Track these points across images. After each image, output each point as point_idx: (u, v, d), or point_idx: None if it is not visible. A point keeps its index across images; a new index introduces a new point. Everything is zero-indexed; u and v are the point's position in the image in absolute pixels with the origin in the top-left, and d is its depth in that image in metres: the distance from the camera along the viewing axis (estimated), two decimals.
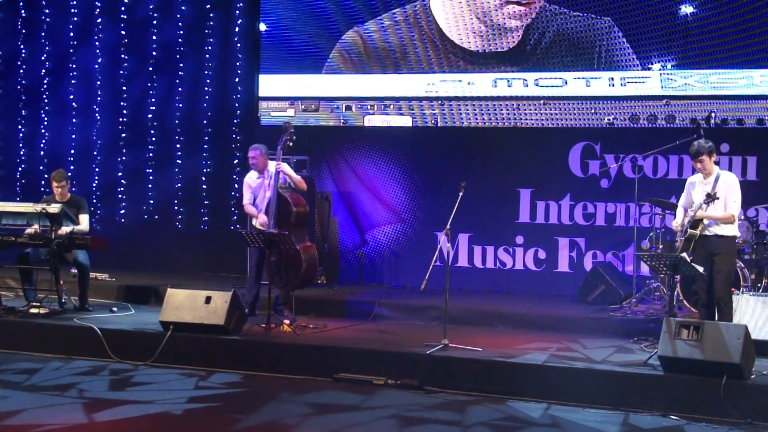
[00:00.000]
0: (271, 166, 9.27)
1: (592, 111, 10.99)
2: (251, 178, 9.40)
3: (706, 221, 7.76)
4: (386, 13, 11.73)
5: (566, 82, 11.04)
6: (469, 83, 11.43)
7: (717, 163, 10.12)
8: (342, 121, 12.02)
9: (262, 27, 12.25)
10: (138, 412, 6.68)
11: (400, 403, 7.04)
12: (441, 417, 6.73)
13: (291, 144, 9.25)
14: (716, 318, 7.71)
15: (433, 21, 11.52)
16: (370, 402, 7.10)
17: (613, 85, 10.86)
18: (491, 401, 7.18)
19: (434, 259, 8.26)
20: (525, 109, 11.24)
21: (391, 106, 11.80)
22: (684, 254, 7.80)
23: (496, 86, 11.33)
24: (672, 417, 6.74)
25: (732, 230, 7.81)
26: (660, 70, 10.64)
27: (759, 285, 9.18)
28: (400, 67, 11.72)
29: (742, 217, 9.49)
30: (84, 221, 9.67)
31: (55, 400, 6.97)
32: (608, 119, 10.91)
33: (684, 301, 9.29)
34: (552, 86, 11.09)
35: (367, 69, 11.84)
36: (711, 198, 7.62)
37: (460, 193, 8.33)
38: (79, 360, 8.39)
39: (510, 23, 11.15)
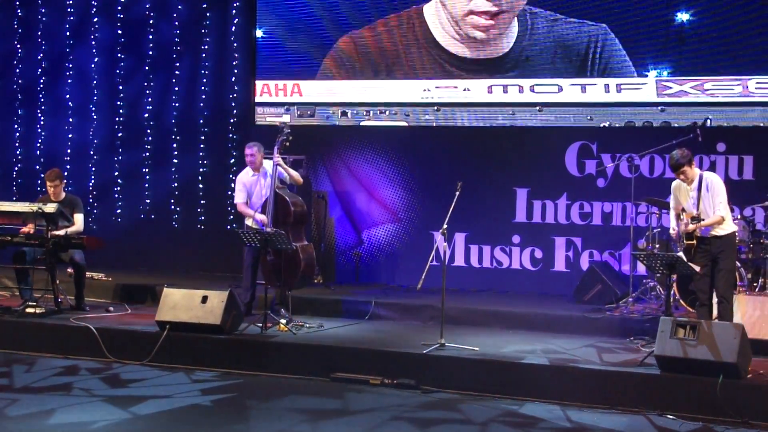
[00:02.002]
0: (267, 165, 9.27)
1: (588, 117, 10.99)
2: (246, 176, 9.40)
3: (699, 230, 7.75)
4: (380, 18, 11.71)
5: (561, 89, 11.03)
6: (465, 89, 11.42)
7: (713, 163, 10.21)
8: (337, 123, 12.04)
9: (259, 33, 12.23)
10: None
11: (399, 404, 7.04)
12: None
13: (288, 144, 9.26)
14: (717, 316, 7.71)
15: (425, 27, 11.50)
16: (369, 403, 7.09)
17: (608, 92, 10.84)
18: (489, 400, 7.19)
19: (431, 258, 8.25)
20: (521, 116, 11.23)
21: (387, 112, 11.79)
22: (680, 253, 7.81)
23: (491, 93, 11.31)
24: (668, 416, 6.75)
25: (728, 227, 7.80)
26: (655, 77, 10.64)
27: (755, 284, 9.18)
28: (395, 73, 11.69)
29: (739, 217, 9.50)
30: (78, 221, 9.66)
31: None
32: (604, 126, 10.91)
33: (680, 301, 9.29)
34: (547, 92, 11.08)
35: (359, 75, 11.81)
36: (696, 220, 7.63)
37: (457, 193, 8.34)
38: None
39: (474, 33, 11.13)
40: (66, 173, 10.84)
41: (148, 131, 12.91)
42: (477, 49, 11.27)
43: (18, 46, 13.47)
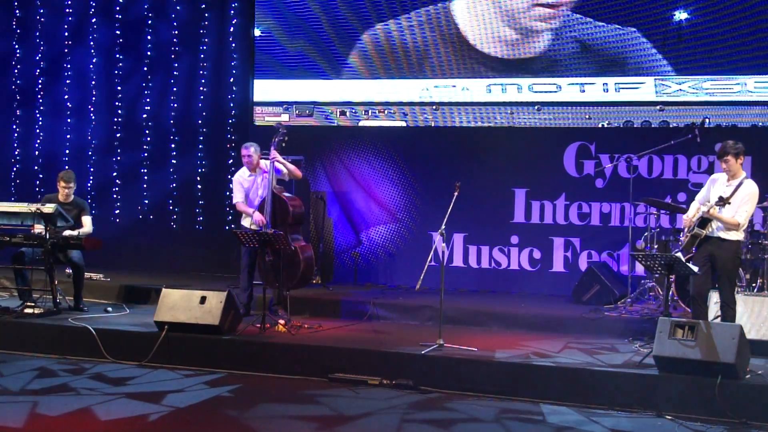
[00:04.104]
0: (263, 165, 9.28)
1: (587, 116, 11.00)
2: (243, 176, 9.39)
3: (714, 224, 7.71)
4: (403, 15, 11.64)
5: (560, 88, 11.04)
6: (463, 89, 11.42)
7: (711, 164, 10.19)
8: (336, 123, 12.05)
9: (257, 32, 12.24)
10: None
11: (398, 404, 7.03)
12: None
13: (284, 144, 9.25)
14: (721, 320, 7.71)
15: (454, 25, 11.41)
16: (370, 405, 7.06)
17: (607, 91, 10.86)
18: (487, 400, 7.19)
19: (429, 259, 8.24)
20: (519, 115, 11.24)
21: (386, 112, 11.79)
22: (679, 254, 7.80)
23: (490, 92, 11.32)
24: (667, 417, 6.75)
25: (734, 235, 7.72)
26: (654, 76, 10.65)
27: (754, 285, 9.19)
28: (426, 71, 11.58)
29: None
30: (87, 223, 9.72)
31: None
32: (602, 125, 10.93)
33: (679, 301, 9.30)
34: (546, 92, 11.09)
35: (389, 72, 11.68)
36: (723, 201, 7.56)
37: (455, 193, 8.34)
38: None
39: (538, 26, 11.07)
40: None
41: (147, 132, 12.91)
42: (510, 49, 11.21)
43: (16, 46, 13.47)
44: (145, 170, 12.92)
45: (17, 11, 13.47)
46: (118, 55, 13.05)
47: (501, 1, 11.19)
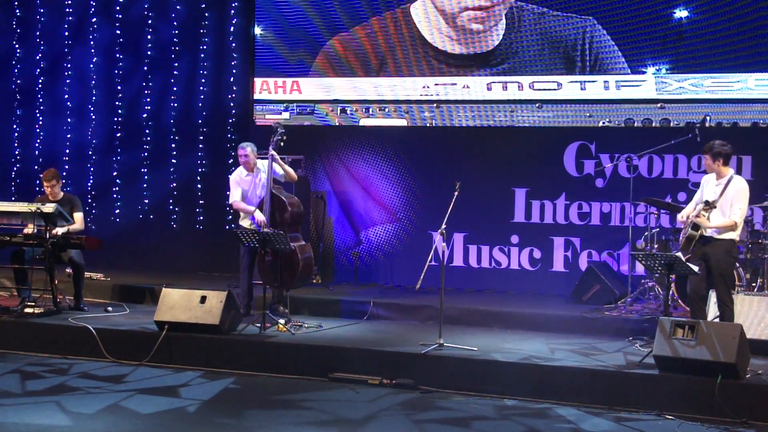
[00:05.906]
0: (261, 165, 9.27)
1: (587, 114, 11.00)
2: (240, 175, 9.39)
3: (704, 227, 7.72)
4: (374, 17, 11.70)
5: (561, 86, 11.04)
6: (464, 86, 11.42)
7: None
8: (337, 122, 12.03)
9: (258, 30, 12.23)
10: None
11: (398, 403, 7.04)
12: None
13: (282, 144, 9.23)
14: (719, 319, 7.72)
15: (413, 26, 11.53)
16: (368, 403, 7.07)
17: (607, 89, 10.86)
18: (488, 400, 7.19)
19: (429, 258, 8.24)
20: (520, 113, 11.24)
21: (386, 109, 11.79)
22: (679, 253, 7.81)
23: (490, 90, 11.32)
24: (667, 417, 6.75)
25: (728, 234, 7.73)
26: (655, 74, 10.65)
27: (754, 284, 9.18)
28: (387, 71, 11.68)
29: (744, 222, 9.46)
30: (79, 219, 9.68)
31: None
32: (603, 123, 10.93)
33: (679, 301, 9.30)
34: (546, 89, 11.09)
35: (350, 74, 11.81)
36: (709, 206, 7.59)
37: (455, 193, 8.34)
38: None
39: (473, 26, 11.18)
40: (65, 173, 10.86)
41: (147, 131, 12.90)
42: (466, 44, 11.30)
43: (17, 46, 13.45)
44: (145, 170, 12.91)
45: (17, 11, 13.45)
46: (118, 55, 13.04)
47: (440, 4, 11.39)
